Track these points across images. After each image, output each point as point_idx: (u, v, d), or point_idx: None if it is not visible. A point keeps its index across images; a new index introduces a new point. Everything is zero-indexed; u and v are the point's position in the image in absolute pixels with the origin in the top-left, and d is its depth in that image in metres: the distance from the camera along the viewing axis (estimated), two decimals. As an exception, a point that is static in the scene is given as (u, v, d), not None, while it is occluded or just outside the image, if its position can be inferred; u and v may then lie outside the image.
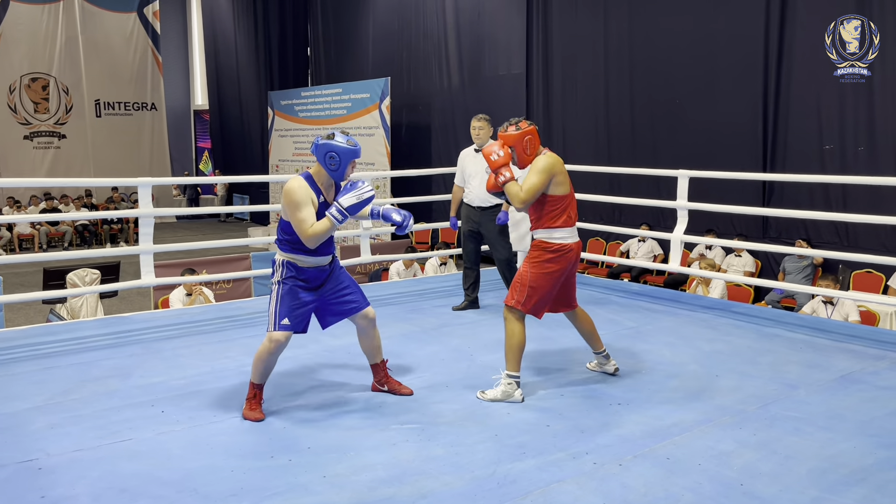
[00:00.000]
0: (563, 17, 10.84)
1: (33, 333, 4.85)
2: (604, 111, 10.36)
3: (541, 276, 3.62)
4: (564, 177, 3.65)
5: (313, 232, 3.25)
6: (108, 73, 18.83)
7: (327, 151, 3.32)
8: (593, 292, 6.12)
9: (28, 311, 9.13)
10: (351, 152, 3.33)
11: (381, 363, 3.69)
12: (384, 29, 14.59)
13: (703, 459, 2.95)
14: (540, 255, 3.64)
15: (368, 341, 3.64)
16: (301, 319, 3.41)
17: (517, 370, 3.61)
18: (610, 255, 9.79)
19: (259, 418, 3.35)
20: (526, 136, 3.63)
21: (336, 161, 3.32)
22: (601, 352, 3.96)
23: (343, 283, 3.53)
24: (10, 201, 16.12)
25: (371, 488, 2.71)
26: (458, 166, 5.48)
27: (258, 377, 3.41)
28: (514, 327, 3.62)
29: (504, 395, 3.57)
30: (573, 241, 3.70)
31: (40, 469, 2.84)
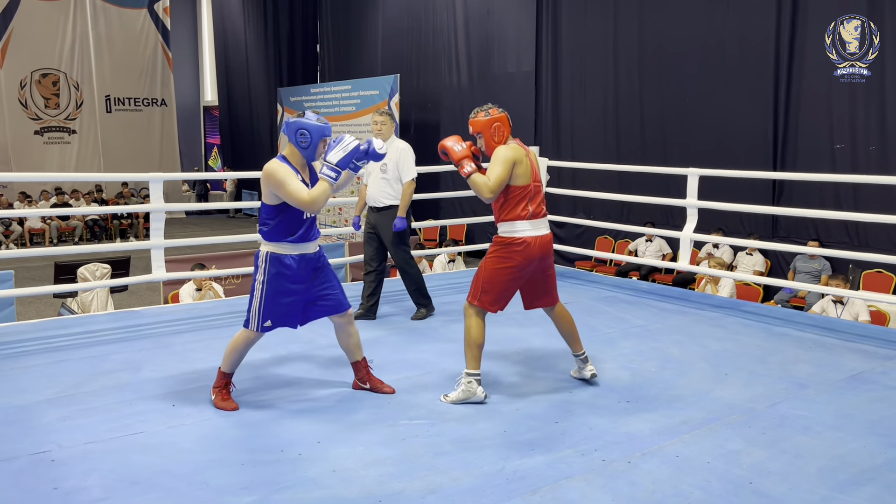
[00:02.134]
0: (572, 14, 10.81)
1: (45, 327, 4.89)
2: (613, 109, 10.33)
3: (496, 272, 3.51)
4: (525, 167, 3.51)
5: (312, 197, 3.23)
6: (118, 69, 18.89)
7: (298, 128, 3.31)
8: (602, 290, 6.12)
9: (39, 304, 9.19)
10: (320, 129, 3.32)
11: (361, 361, 3.68)
12: (393, 26, 14.60)
13: (712, 457, 2.95)
14: (496, 250, 3.54)
15: (346, 339, 3.63)
16: (289, 317, 3.43)
17: (476, 368, 3.50)
18: (618, 253, 9.78)
19: (233, 408, 3.39)
20: (494, 123, 3.53)
21: (307, 138, 3.31)
22: (579, 354, 3.76)
23: (328, 280, 3.51)
24: (22, 196, 16.21)
25: (380, 483, 2.72)
26: None
27: (229, 367, 3.46)
28: (471, 323, 3.52)
29: (465, 394, 3.47)
30: (535, 234, 3.52)
31: (53, 461, 2.87)
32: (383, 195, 5.08)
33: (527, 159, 3.54)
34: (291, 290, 3.39)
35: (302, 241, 3.39)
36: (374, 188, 5.10)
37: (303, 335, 4.61)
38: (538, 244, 3.53)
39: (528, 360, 4.21)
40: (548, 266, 3.64)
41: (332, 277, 3.54)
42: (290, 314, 3.44)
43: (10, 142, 17.40)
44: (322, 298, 3.49)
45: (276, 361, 4.13)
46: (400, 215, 5.07)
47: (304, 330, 4.67)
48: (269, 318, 3.37)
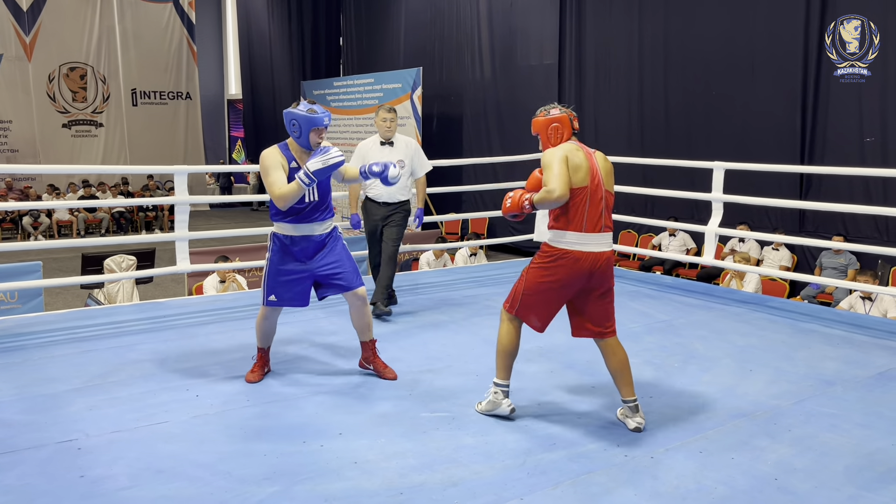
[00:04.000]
0: (596, 6, 10.72)
1: (72, 317, 4.96)
2: (637, 102, 10.24)
3: (535, 284, 3.15)
4: (583, 171, 3.09)
5: (280, 193, 3.38)
6: (144, 63, 19.08)
7: (290, 119, 3.47)
8: (625, 285, 6.07)
9: (67, 295, 9.33)
10: (309, 120, 3.42)
11: (369, 342, 3.76)
12: (416, 19, 14.57)
13: (737, 454, 2.92)
14: (539, 259, 3.18)
15: (359, 318, 3.70)
16: (292, 294, 3.57)
17: (504, 378, 3.24)
18: (642, 247, 9.70)
19: (253, 380, 3.63)
20: (552, 124, 3.20)
21: (297, 128, 3.45)
22: (628, 401, 3.18)
23: (337, 259, 3.58)
24: (50, 188, 16.45)
25: (401, 475, 2.73)
26: (358, 159, 5.00)
27: (259, 341, 3.72)
28: (503, 329, 3.25)
29: (490, 405, 3.25)
30: (585, 250, 3.07)
31: (80, 449, 2.91)
32: (400, 191, 5.05)
33: (586, 162, 3.12)
34: (290, 269, 3.54)
35: (303, 221, 3.51)
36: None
37: (326, 327, 4.64)
38: (593, 260, 3.08)
39: (550, 353, 4.19)
40: (602, 289, 3.17)
41: (342, 257, 3.61)
42: (293, 292, 3.57)
43: (39, 135, 17.65)
44: (332, 277, 3.58)
45: (299, 354, 4.15)
46: (419, 207, 5.11)
47: (328, 322, 4.71)
48: (272, 293, 3.54)
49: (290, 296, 3.58)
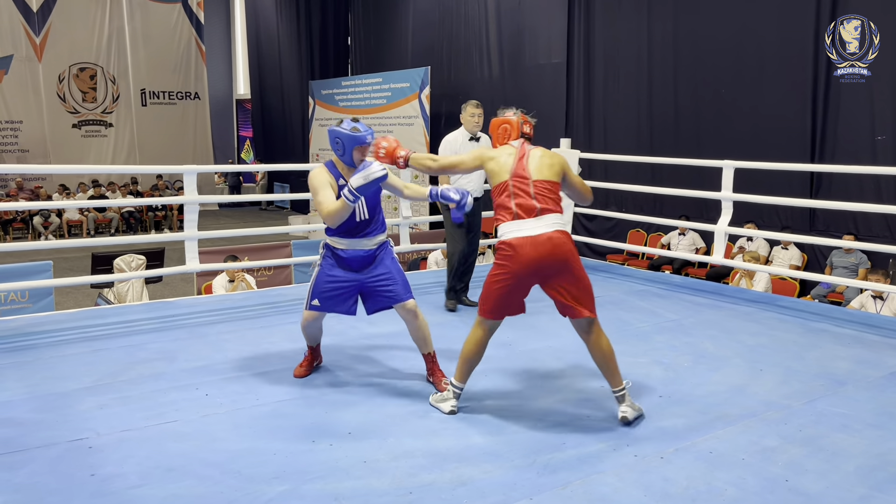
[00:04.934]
0: (606, 4, 10.69)
1: (83, 316, 4.98)
2: (647, 101, 10.20)
3: (491, 282, 3.22)
4: (499, 164, 3.22)
5: (328, 211, 3.40)
6: (153, 63, 19.16)
7: (334, 137, 3.54)
8: (634, 284, 6.06)
9: (77, 294, 9.38)
10: (352, 138, 3.47)
11: (427, 355, 3.69)
12: (424, 18, 14.57)
13: (747, 454, 2.90)
14: (495, 259, 3.26)
15: (413, 332, 3.65)
16: (336, 300, 3.57)
17: (461, 381, 3.30)
18: (651, 246, 9.67)
19: (300, 375, 3.75)
20: (502, 125, 3.38)
21: (340, 146, 3.51)
22: (617, 390, 3.18)
23: (387, 271, 3.59)
24: (60, 188, 16.54)
25: (411, 474, 2.72)
26: (447, 152, 5.08)
27: (307, 341, 3.80)
28: (470, 336, 3.30)
29: (438, 399, 3.36)
30: (522, 235, 3.11)
31: (90, 448, 2.92)
32: (484, 186, 5.25)
33: (509, 161, 3.23)
34: (337, 277, 3.56)
35: (352, 236, 3.54)
36: (480, 179, 5.26)
37: (335, 326, 4.64)
38: (529, 244, 3.10)
39: (560, 354, 4.18)
40: (561, 268, 3.15)
41: (392, 269, 3.61)
42: (337, 299, 3.58)
43: (49, 135, 17.76)
44: (380, 289, 3.58)
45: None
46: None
47: (337, 321, 4.71)
48: (316, 298, 3.58)
49: (333, 303, 3.57)
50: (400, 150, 3.52)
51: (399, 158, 3.52)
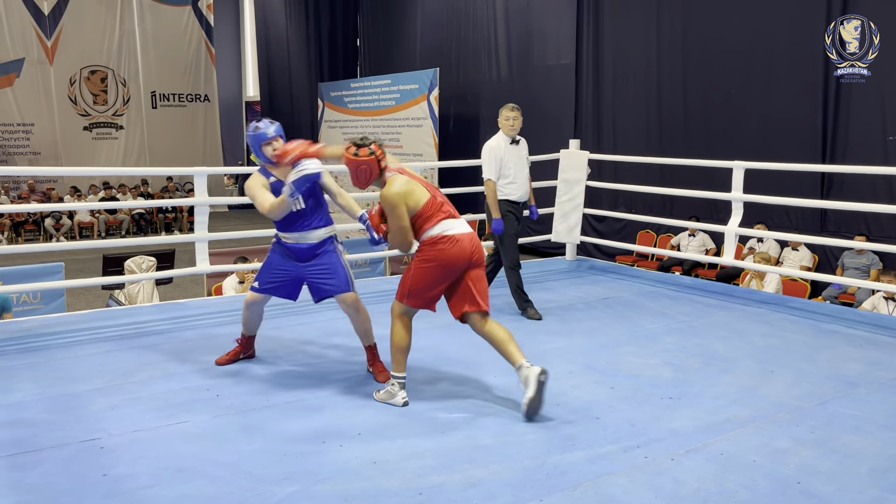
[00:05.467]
0: (614, 5, 10.67)
1: (94, 318, 5.01)
2: (656, 101, 10.18)
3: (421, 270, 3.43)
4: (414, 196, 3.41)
5: (270, 207, 3.68)
6: (163, 66, 19.24)
7: (248, 143, 3.85)
8: (644, 285, 6.04)
9: (88, 296, 9.43)
10: (255, 137, 3.78)
11: (368, 347, 3.86)
12: (433, 20, 14.59)
13: (759, 456, 2.89)
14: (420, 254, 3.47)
15: (355, 325, 3.83)
16: (277, 287, 3.85)
17: (401, 371, 3.43)
18: (661, 247, 9.64)
19: (223, 363, 3.95)
20: (360, 167, 3.43)
21: (254, 147, 3.81)
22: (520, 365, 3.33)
23: (329, 264, 3.80)
24: (72, 190, 16.64)
25: (420, 475, 2.73)
26: (494, 160, 5.00)
27: (244, 328, 4.00)
28: (395, 327, 3.44)
29: (387, 395, 3.43)
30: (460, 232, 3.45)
31: (102, 448, 2.94)
32: (529, 189, 5.21)
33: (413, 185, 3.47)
34: (283, 265, 3.82)
35: (297, 230, 3.77)
36: (526, 183, 5.18)
37: (344, 327, 4.65)
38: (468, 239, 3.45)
39: (569, 354, 4.18)
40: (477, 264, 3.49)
41: (334, 264, 3.81)
42: (278, 286, 3.85)
43: (60, 137, 17.87)
44: (320, 281, 3.81)
45: (317, 355, 4.17)
46: (495, 217, 5.03)
47: (346, 322, 4.72)
48: (258, 281, 3.86)
49: (274, 288, 3.85)
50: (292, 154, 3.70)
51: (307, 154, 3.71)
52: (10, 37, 17.25)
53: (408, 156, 13.68)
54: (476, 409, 3.36)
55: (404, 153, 13.85)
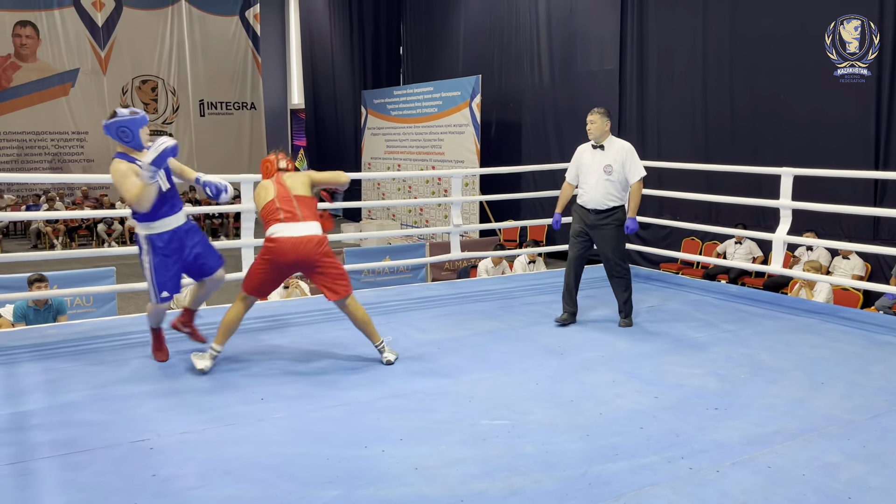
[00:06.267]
0: (659, 10, 10.56)
1: (143, 321, 5.12)
2: (702, 107, 10.03)
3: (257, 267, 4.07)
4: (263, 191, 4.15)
5: (135, 195, 3.66)
6: (211, 75, 19.70)
7: (118, 128, 3.73)
8: (689, 294, 5.95)
9: (138, 300, 9.66)
10: (136, 121, 3.76)
11: (194, 311, 4.23)
12: (475, 27, 14.63)
13: (808, 470, 2.82)
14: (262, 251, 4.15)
15: (203, 292, 4.15)
16: (175, 284, 3.94)
17: (221, 344, 4.02)
18: (706, 255, 9.48)
19: (162, 359, 4.08)
20: (265, 164, 4.28)
21: (128, 133, 3.74)
22: (378, 345, 4.15)
23: (197, 244, 3.99)
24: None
25: (462, 482, 2.73)
26: (573, 162, 5.09)
27: (156, 324, 4.12)
28: (235, 307, 4.07)
29: (199, 357, 3.97)
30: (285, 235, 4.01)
31: (151, 449, 3.01)
32: (609, 197, 4.86)
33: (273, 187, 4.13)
34: (170, 263, 3.87)
35: (165, 215, 3.82)
36: (597, 191, 4.87)
37: (385, 335, 4.68)
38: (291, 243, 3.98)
39: (613, 363, 4.14)
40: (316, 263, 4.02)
41: (199, 238, 4.02)
42: (175, 281, 3.94)
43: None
44: (206, 254, 4.02)
45: (360, 359, 4.20)
46: (632, 216, 4.88)
47: (388, 328, 4.76)
48: (164, 289, 3.88)
49: (174, 287, 3.92)
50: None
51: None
52: (65, 48, 17.87)
53: (449, 162, 13.72)
54: (517, 416, 3.35)
55: (446, 160, 13.90)
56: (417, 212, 14.90)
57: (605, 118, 4.92)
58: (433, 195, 14.16)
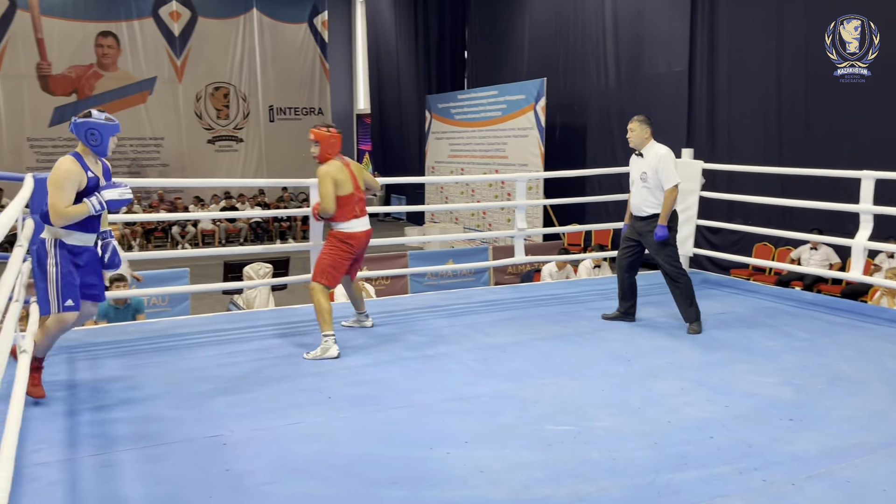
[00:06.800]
0: (731, 9, 10.30)
1: (216, 321, 5.30)
2: (775, 108, 9.73)
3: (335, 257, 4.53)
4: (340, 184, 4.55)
5: (66, 212, 3.37)
6: (280, 81, 20.19)
7: (88, 129, 3.46)
8: (761, 301, 5.78)
9: (209, 300, 9.97)
10: (110, 128, 3.51)
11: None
12: (541, 30, 14.56)
13: (889, 486, 2.70)
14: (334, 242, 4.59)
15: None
16: (77, 297, 3.53)
17: (332, 329, 4.35)
18: (779, 261, 9.18)
19: (40, 396, 3.49)
20: (331, 140, 4.67)
21: (97, 136, 3.47)
22: (362, 314, 4.93)
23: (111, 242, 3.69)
24: (196, 200, 17.70)
25: (527, 487, 2.72)
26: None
27: (41, 352, 3.54)
28: (322, 297, 4.44)
29: (322, 351, 4.27)
30: (361, 230, 4.61)
31: (224, 444, 3.10)
32: (646, 204, 4.94)
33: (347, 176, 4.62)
34: (76, 272, 3.51)
35: (87, 231, 3.52)
36: (637, 197, 4.99)
37: (448, 335, 4.70)
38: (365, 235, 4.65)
39: (681, 370, 4.05)
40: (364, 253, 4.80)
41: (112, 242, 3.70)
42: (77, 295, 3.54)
43: (187, 150, 19.08)
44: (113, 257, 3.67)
45: (425, 361, 4.23)
46: (661, 223, 4.88)
47: (452, 331, 4.78)
48: (70, 298, 3.48)
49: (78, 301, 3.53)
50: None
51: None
52: (144, 57, 18.62)
53: (513, 166, 13.68)
54: (583, 422, 3.31)
55: (509, 163, 13.87)
56: (480, 215, 14.90)
57: (645, 125, 4.98)
58: (496, 199, 14.14)
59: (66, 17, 17.81)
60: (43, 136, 17.93)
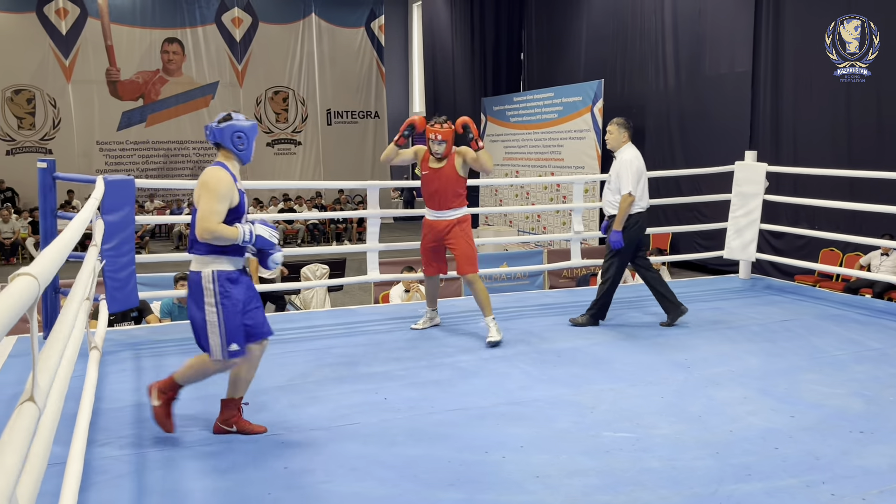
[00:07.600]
0: (797, 6, 9.99)
1: (275, 320, 5.35)
2: (844, 108, 9.39)
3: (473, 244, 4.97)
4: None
5: (217, 229, 2.97)
6: (338, 85, 20.49)
7: (234, 132, 3.15)
8: (828, 308, 5.58)
9: (268, 300, 10.17)
10: (255, 129, 3.24)
11: (238, 399, 3.28)
12: (598, 31, 14.40)
13: (969, 504, 2.57)
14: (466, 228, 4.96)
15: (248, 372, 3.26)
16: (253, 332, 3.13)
17: (491, 313, 4.64)
18: (847, 267, 8.86)
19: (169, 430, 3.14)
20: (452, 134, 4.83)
21: (244, 140, 3.18)
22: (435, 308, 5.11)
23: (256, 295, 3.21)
24: (255, 202, 18.09)
25: (584, 493, 2.69)
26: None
27: (183, 380, 3.19)
28: (481, 286, 4.71)
29: (493, 335, 4.55)
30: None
31: (283, 443, 3.15)
32: (608, 205, 5.09)
33: None
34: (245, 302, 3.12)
35: (240, 255, 3.13)
36: (604, 198, 5.17)
37: (504, 341, 4.68)
38: None
39: (744, 378, 3.94)
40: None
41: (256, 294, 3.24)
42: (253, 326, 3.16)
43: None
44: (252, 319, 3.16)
45: (479, 363, 4.22)
46: (615, 229, 4.92)
47: (508, 334, 4.75)
48: (234, 342, 3.07)
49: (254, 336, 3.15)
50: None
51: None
52: (207, 63, 19.13)
53: (569, 168, 13.56)
54: (641, 430, 3.25)
55: (565, 165, 13.75)
56: (535, 218, 14.81)
57: (622, 129, 5.15)
58: (551, 202, 14.03)
59: (134, 24, 18.44)
60: (111, 139, 18.59)
